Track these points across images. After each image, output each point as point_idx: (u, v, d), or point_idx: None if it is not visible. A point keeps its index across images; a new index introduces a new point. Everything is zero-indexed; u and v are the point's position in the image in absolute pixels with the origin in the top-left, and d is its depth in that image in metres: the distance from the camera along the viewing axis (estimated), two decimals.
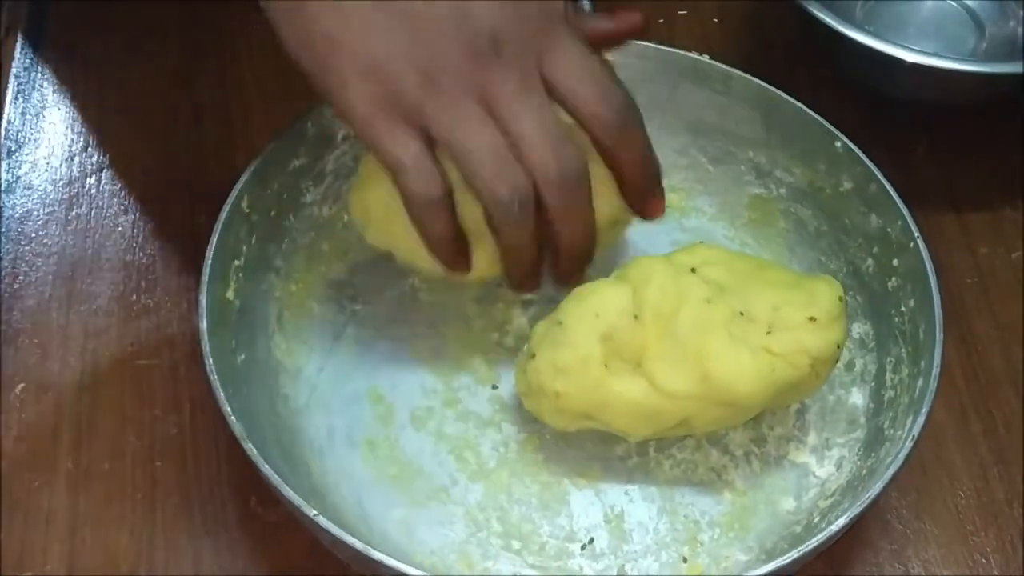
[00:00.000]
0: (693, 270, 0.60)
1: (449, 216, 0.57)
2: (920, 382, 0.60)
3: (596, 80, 0.57)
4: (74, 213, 0.74)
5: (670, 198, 0.72)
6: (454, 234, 0.58)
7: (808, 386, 0.60)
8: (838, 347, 0.59)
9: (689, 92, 0.71)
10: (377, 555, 0.52)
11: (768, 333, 0.58)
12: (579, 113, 0.57)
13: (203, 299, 0.60)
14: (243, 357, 0.62)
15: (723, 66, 0.70)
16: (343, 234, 0.70)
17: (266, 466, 0.55)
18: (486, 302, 0.68)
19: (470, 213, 0.58)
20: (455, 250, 0.59)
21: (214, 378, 0.57)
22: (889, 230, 0.65)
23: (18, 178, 0.75)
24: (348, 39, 0.55)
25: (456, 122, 0.55)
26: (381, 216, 0.62)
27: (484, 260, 0.62)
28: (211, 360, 0.58)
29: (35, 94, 0.79)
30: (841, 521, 0.54)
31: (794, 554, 0.53)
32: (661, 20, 0.85)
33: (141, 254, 0.72)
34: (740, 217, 0.72)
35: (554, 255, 0.60)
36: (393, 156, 0.55)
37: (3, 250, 0.72)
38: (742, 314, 0.58)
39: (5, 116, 0.78)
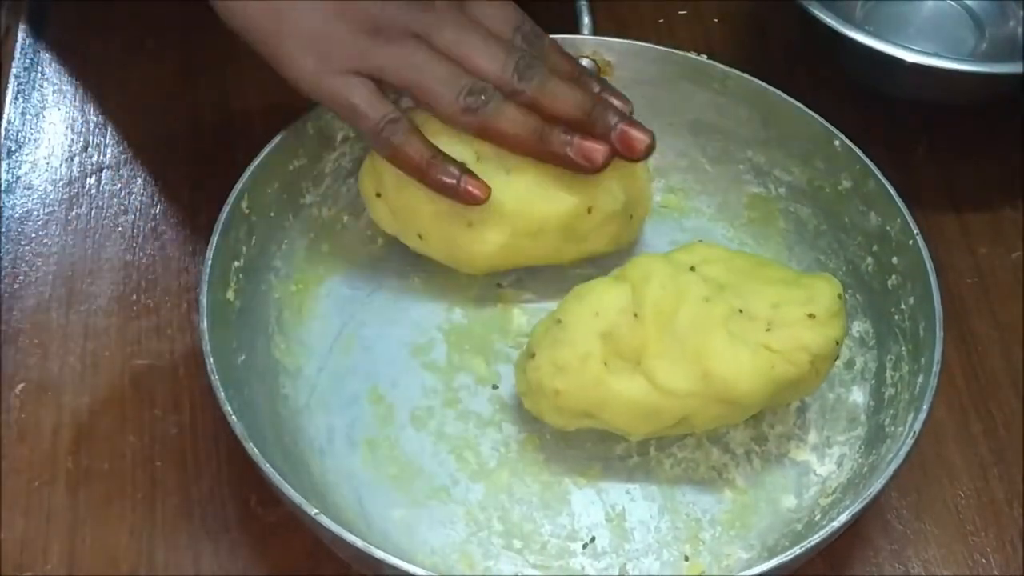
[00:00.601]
0: (692, 268, 0.60)
1: (419, 135, 0.62)
2: (920, 379, 0.60)
3: (510, 19, 0.64)
4: (74, 213, 0.74)
5: (669, 199, 0.72)
6: (435, 151, 0.62)
7: (808, 383, 0.60)
8: (837, 344, 0.59)
9: (688, 92, 0.71)
10: (379, 554, 0.52)
11: (767, 330, 0.58)
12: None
13: (203, 299, 0.60)
14: (243, 357, 0.62)
15: (722, 66, 0.70)
16: (342, 235, 0.70)
17: (267, 465, 0.55)
18: (486, 302, 0.68)
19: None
20: (449, 171, 0.61)
21: (215, 378, 0.57)
22: (888, 228, 0.65)
23: (18, 178, 0.75)
24: (289, 7, 0.60)
25: (404, 60, 0.61)
26: (395, 180, 0.63)
27: (490, 247, 0.63)
28: (211, 360, 0.58)
29: (35, 94, 0.79)
30: (843, 518, 0.54)
31: (796, 551, 0.53)
32: (661, 20, 0.85)
33: (141, 254, 0.72)
34: (739, 217, 0.72)
35: (575, 130, 0.62)
36: (346, 100, 0.61)
37: (3, 250, 0.72)
38: (741, 312, 0.59)
39: (5, 116, 0.78)
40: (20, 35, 0.82)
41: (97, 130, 0.78)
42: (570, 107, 0.62)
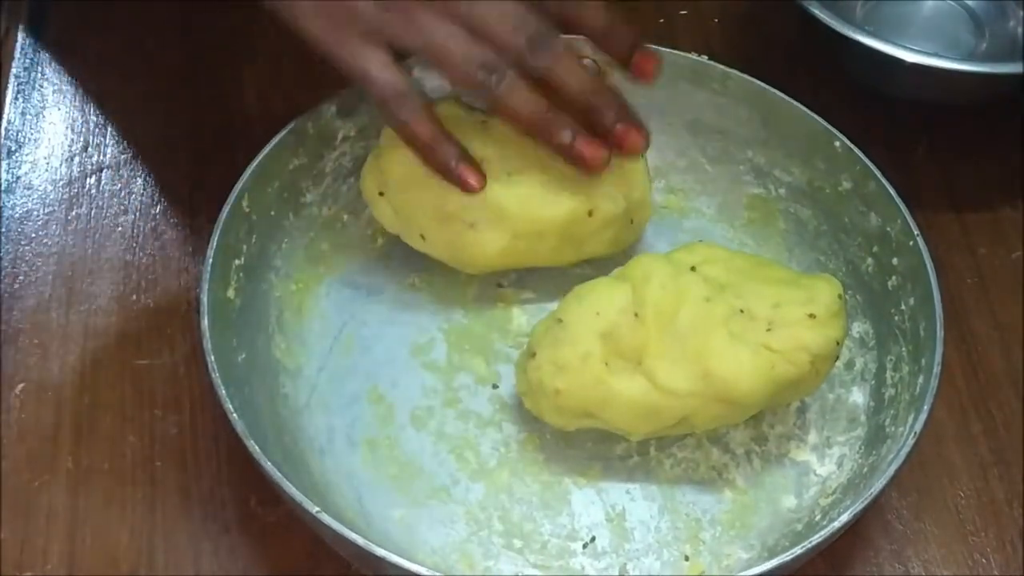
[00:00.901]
0: (693, 268, 0.60)
1: (428, 112, 0.61)
2: (921, 379, 0.60)
3: None
4: (74, 213, 0.74)
5: (669, 199, 0.72)
6: (441, 131, 0.62)
7: (808, 384, 0.60)
8: (838, 344, 0.59)
9: (688, 92, 0.71)
10: (380, 552, 0.52)
11: (768, 331, 0.58)
12: None
13: (204, 297, 0.60)
14: (243, 356, 0.62)
15: (722, 66, 0.70)
16: (343, 234, 0.70)
17: (268, 463, 0.55)
18: (486, 302, 0.68)
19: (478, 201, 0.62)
20: (451, 153, 0.61)
21: (215, 376, 0.57)
22: (888, 229, 0.65)
23: (18, 178, 0.75)
24: None
25: (420, 27, 0.60)
26: (398, 179, 0.63)
27: (491, 249, 0.63)
28: (212, 358, 0.58)
29: (35, 94, 0.79)
30: (843, 518, 0.54)
31: (796, 551, 0.53)
32: (661, 20, 0.85)
33: (141, 254, 0.72)
34: (739, 217, 0.72)
35: (581, 115, 0.62)
36: (360, 67, 0.60)
37: (3, 250, 0.72)
38: (742, 312, 0.59)
39: (5, 116, 0.78)
40: (20, 35, 0.82)
41: (97, 130, 0.78)
42: (576, 87, 0.62)
